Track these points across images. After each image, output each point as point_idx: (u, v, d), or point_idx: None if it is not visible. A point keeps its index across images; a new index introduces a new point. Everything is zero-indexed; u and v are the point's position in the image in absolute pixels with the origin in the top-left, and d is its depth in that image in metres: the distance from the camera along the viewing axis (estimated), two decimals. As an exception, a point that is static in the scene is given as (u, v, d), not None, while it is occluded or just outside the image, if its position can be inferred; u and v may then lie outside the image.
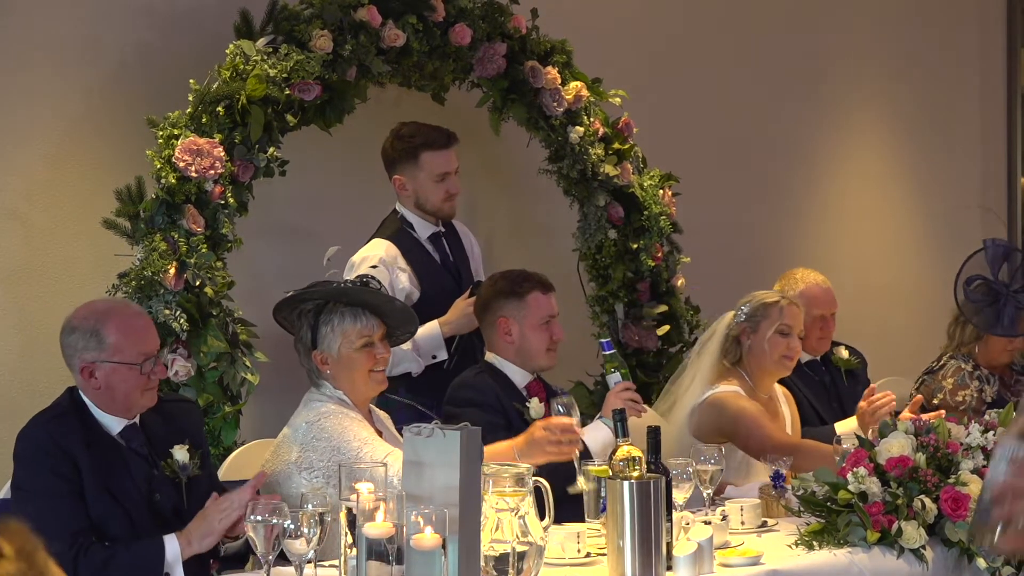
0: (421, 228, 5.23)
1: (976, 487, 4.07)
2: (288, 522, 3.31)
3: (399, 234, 5.17)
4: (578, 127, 5.62)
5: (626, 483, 3.59)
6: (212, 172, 4.66)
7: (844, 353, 5.79)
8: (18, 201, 4.84)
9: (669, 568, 3.65)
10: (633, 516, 3.57)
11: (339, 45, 4.94)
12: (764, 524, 4.28)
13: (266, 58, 4.83)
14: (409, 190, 5.19)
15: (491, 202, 6.03)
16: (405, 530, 3.24)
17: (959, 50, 7.92)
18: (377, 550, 3.24)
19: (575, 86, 5.59)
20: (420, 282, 5.13)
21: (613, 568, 3.61)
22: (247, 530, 3.35)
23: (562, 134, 5.62)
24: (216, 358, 4.68)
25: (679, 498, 3.94)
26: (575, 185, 5.75)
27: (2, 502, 4.00)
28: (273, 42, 4.89)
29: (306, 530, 3.32)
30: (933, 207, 7.60)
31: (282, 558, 3.41)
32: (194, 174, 4.64)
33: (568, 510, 3.99)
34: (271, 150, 4.82)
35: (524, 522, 3.43)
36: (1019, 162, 8.05)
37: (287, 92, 4.82)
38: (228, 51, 4.84)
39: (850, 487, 4.01)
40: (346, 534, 3.39)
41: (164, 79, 5.02)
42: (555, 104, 5.55)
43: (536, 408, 4.61)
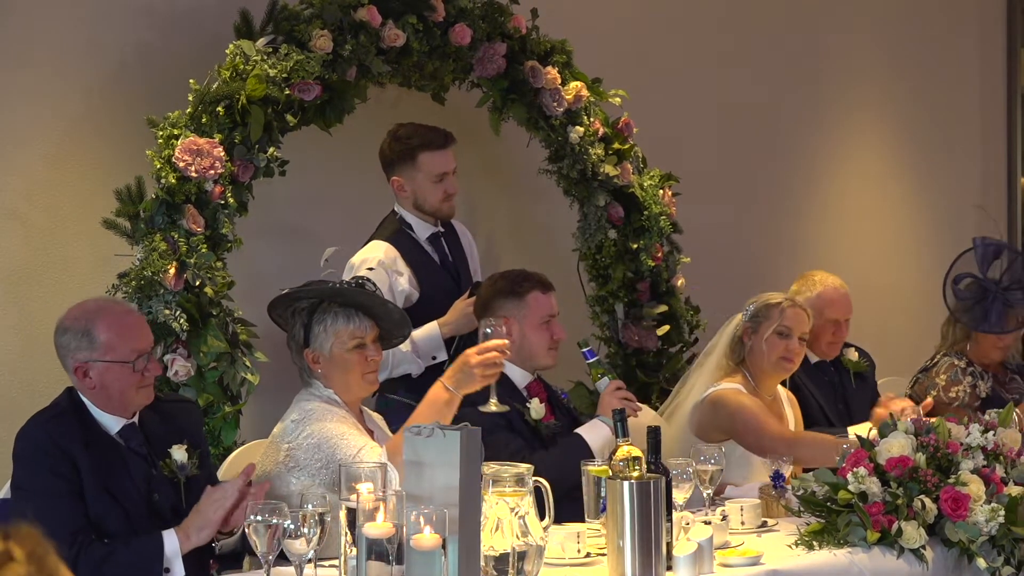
0: (420, 229, 5.22)
1: (976, 487, 4.07)
2: (288, 522, 3.31)
3: (398, 235, 5.17)
4: (578, 127, 5.62)
5: (626, 483, 3.60)
6: (212, 172, 4.66)
7: (854, 355, 5.77)
8: (18, 201, 4.84)
9: (669, 568, 3.65)
10: (633, 516, 3.57)
11: (339, 45, 4.94)
12: (764, 524, 4.28)
13: (266, 58, 4.83)
14: (407, 191, 5.19)
15: (491, 202, 6.02)
16: (405, 530, 3.24)
17: (959, 50, 7.92)
18: (377, 550, 3.24)
19: (575, 86, 5.59)
20: (419, 283, 5.13)
21: (613, 568, 3.61)
22: (247, 531, 3.35)
23: (562, 134, 5.62)
24: (216, 358, 4.68)
25: (679, 498, 3.94)
26: (575, 185, 5.75)
27: (2, 502, 4.00)
28: (273, 42, 4.89)
29: (306, 530, 3.32)
30: (933, 207, 7.60)
31: (282, 558, 3.41)
32: (194, 174, 4.64)
33: (568, 510, 3.99)
34: (271, 150, 4.82)
35: (524, 522, 3.43)
36: (1019, 162, 8.06)
37: (287, 92, 4.82)
38: (228, 51, 4.84)
39: (850, 487, 4.01)
40: (346, 534, 3.39)
41: (164, 79, 5.02)
42: (555, 104, 5.55)
43: (537, 408, 4.61)
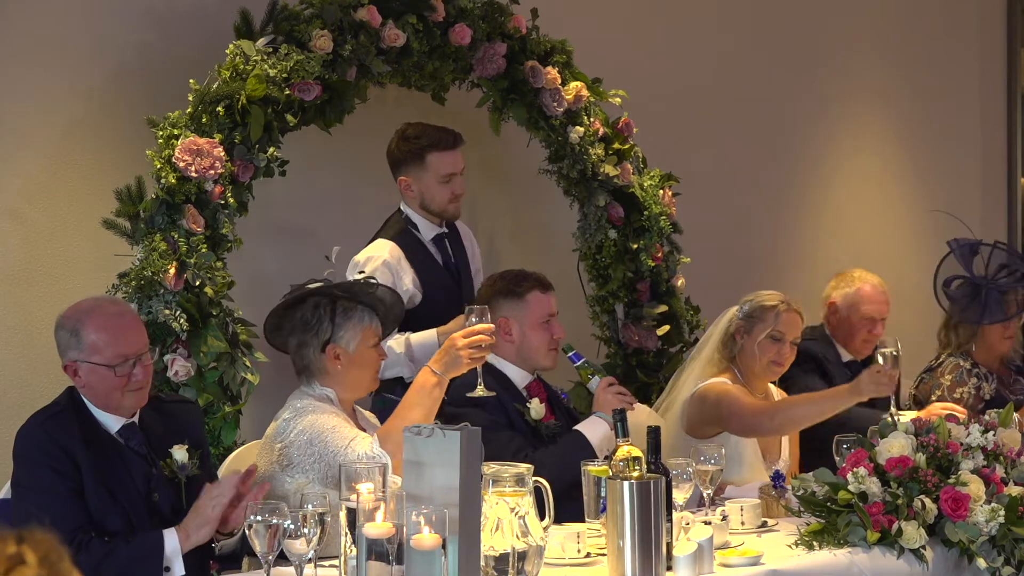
0: (425, 229, 5.22)
1: (976, 487, 4.07)
2: (288, 522, 3.31)
3: (403, 235, 5.16)
4: (578, 127, 5.61)
5: (626, 483, 3.60)
6: (212, 172, 4.66)
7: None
8: (18, 201, 4.84)
9: (669, 568, 3.65)
10: (633, 516, 3.57)
11: (339, 45, 4.94)
12: (764, 524, 4.28)
13: (266, 58, 4.83)
14: (414, 191, 5.18)
15: (491, 202, 6.02)
16: (405, 530, 3.24)
17: (959, 50, 7.92)
18: (377, 550, 3.24)
19: (575, 86, 5.59)
20: (423, 284, 5.12)
21: (613, 568, 3.61)
22: (247, 531, 3.35)
23: (562, 134, 5.62)
24: (216, 358, 4.68)
25: (679, 498, 3.94)
26: (575, 185, 5.74)
27: (2, 502, 4.00)
28: (273, 42, 4.89)
29: (306, 530, 3.32)
30: (933, 207, 7.58)
31: (282, 558, 3.41)
32: (194, 174, 4.64)
33: (568, 510, 3.99)
34: (271, 150, 4.82)
35: (524, 522, 3.43)
36: (1019, 162, 8.05)
37: (287, 92, 4.82)
38: (228, 51, 4.84)
39: (850, 487, 4.01)
40: (346, 534, 3.39)
41: (164, 79, 5.02)
42: (555, 104, 5.54)
43: (537, 408, 4.61)
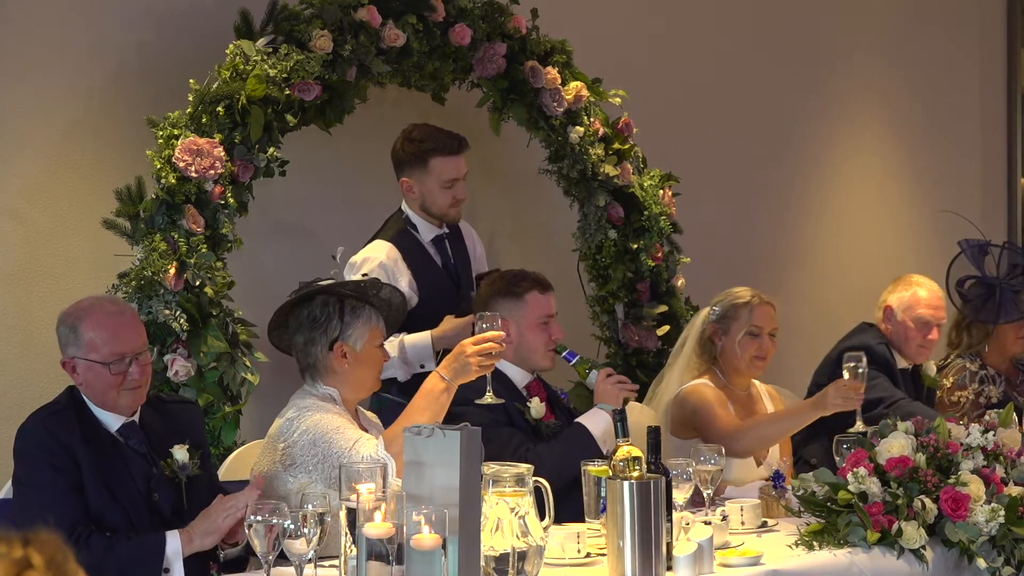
0: (425, 230, 5.21)
1: (976, 487, 4.07)
2: (288, 522, 3.31)
3: (402, 235, 5.16)
4: (578, 127, 5.62)
5: (626, 483, 3.60)
6: (212, 172, 4.66)
7: (932, 370, 5.70)
8: (18, 201, 4.84)
9: (669, 568, 3.65)
10: (633, 516, 3.57)
11: (339, 45, 4.94)
12: (764, 524, 4.28)
13: (266, 58, 4.83)
14: (416, 193, 5.17)
15: (491, 202, 6.02)
16: (405, 530, 3.24)
17: (959, 50, 7.92)
18: (377, 550, 3.24)
19: (575, 86, 5.59)
20: (419, 286, 5.10)
21: (613, 568, 3.61)
22: (248, 532, 3.35)
23: (562, 134, 5.62)
24: (216, 358, 4.68)
25: (679, 498, 3.94)
26: (575, 185, 5.74)
27: (2, 502, 4.00)
28: (273, 42, 4.89)
29: (306, 530, 3.32)
30: (933, 207, 7.59)
31: (282, 558, 3.41)
32: (194, 174, 4.64)
33: (568, 509, 3.99)
34: (271, 150, 4.82)
35: (524, 522, 3.43)
36: (1019, 162, 8.05)
37: (287, 92, 4.82)
38: (228, 51, 4.84)
39: (850, 487, 4.01)
40: (346, 534, 3.39)
41: (164, 79, 5.02)
42: (555, 104, 5.55)
43: (537, 407, 4.61)
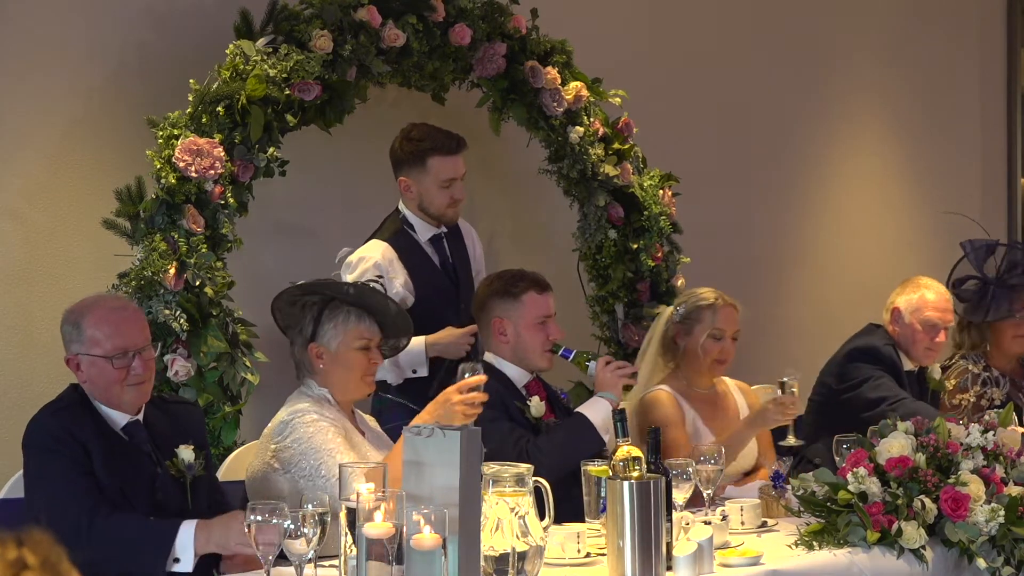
0: (422, 230, 5.21)
1: (976, 487, 4.07)
2: (288, 522, 3.31)
3: (398, 235, 5.15)
4: (578, 127, 5.62)
5: (626, 483, 3.59)
6: (212, 172, 4.66)
7: (937, 372, 5.69)
8: (18, 201, 4.84)
9: (669, 568, 3.64)
10: (633, 516, 3.57)
11: (339, 45, 4.94)
12: (764, 524, 4.28)
13: (266, 58, 4.83)
14: (414, 192, 5.17)
15: (491, 202, 6.02)
16: (405, 530, 3.23)
17: (959, 50, 7.92)
18: (377, 550, 3.24)
19: (575, 86, 5.59)
20: (416, 286, 5.10)
21: (613, 568, 3.61)
22: (247, 531, 3.34)
23: (562, 134, 5.62)
24: (216, 358, 4.68)
25: (679, 498, 3.94)
26: (575, 185, 5.74)
27: (2, 502, 4.00)
28: (273, 42, 4.89)
29: (306, 530, 3.31)
30: (933, 207, 7.59)
31: (282, 558, 3.41)
32: (194, 174, 4.64)
33: (568, 509, 3.99)
34: (271, 150, 4.82)
35: (524, 522, 3.43)
36: (1019, 162, 8.05)
37: (287, 92, 4.82)
38: (228, 51, 4.84)
39: (850, 487, 4.01)
40: (346, 534, 3.38)
41: (164, 79, 5.02)
42: (555, 104, 5.55)
43: (537, 406, 4.61)
